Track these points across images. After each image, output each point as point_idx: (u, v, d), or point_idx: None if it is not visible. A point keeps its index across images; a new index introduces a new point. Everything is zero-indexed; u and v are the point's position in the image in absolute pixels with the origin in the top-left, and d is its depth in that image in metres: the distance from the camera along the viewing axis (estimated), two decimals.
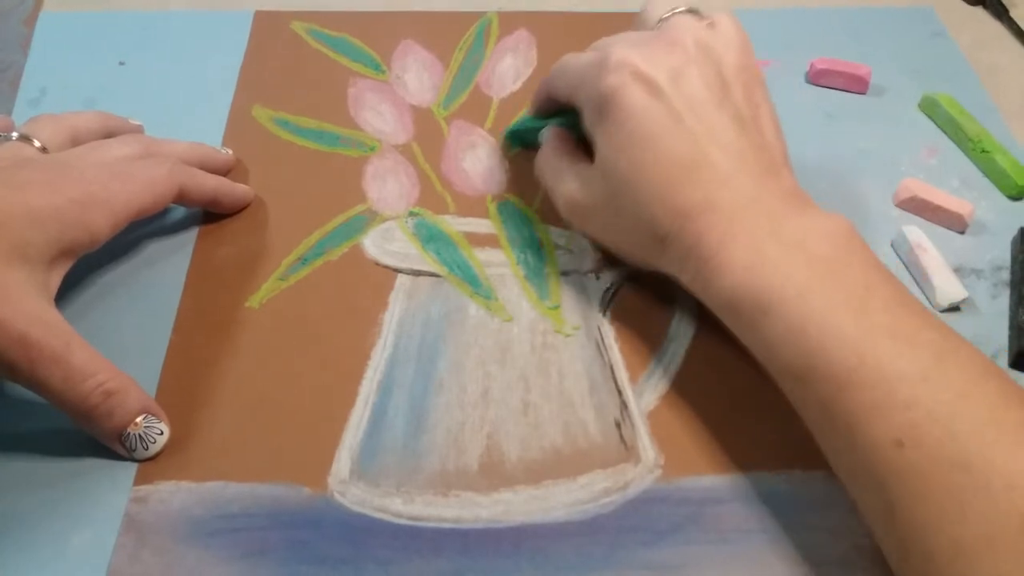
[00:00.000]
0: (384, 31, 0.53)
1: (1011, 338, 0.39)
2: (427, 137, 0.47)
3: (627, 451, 0.35)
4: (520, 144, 0.47)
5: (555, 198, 0.40)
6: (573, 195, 0.39)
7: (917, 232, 0.42)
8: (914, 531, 0.28)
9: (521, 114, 0.47)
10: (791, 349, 0.31)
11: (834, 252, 0.32)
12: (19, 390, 0.34)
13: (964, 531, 0.26)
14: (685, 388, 0.37)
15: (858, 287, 0.31)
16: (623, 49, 0.36)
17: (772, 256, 0.32)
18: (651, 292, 0.41)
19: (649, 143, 0.35)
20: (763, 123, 0.36)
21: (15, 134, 0.39)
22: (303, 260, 0.41)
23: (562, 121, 0.42)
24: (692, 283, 0.35)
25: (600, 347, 0.39)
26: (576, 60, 0.39)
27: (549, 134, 0.42)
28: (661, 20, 0.39)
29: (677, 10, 0.38)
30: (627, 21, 0.53)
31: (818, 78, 0.50)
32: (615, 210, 0.37)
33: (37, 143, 0.38)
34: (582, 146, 0.40)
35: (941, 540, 0.27)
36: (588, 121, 0.38)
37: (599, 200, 0.37)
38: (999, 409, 0.28)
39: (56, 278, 0.35)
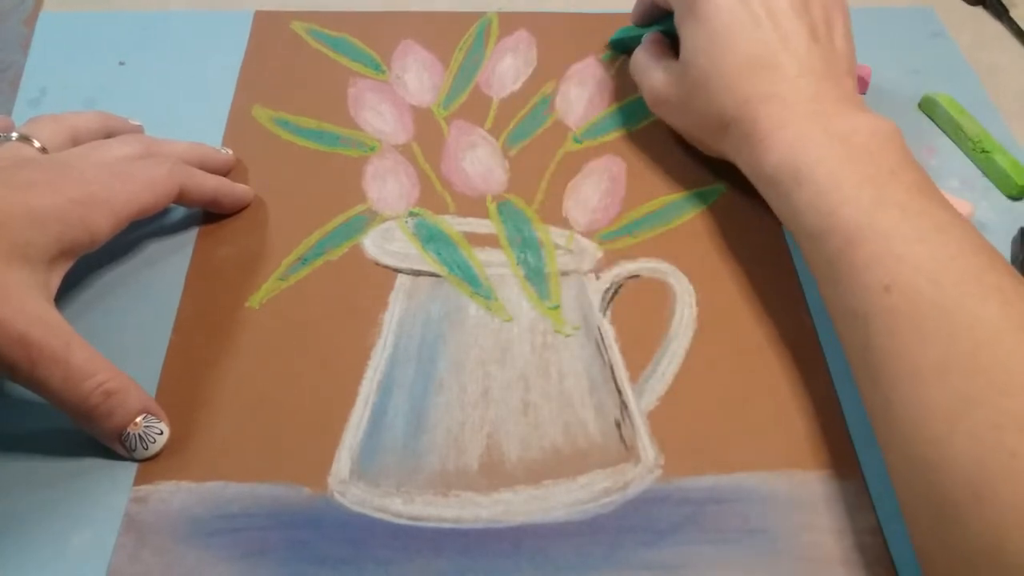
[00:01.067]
0: (384, 31, 0.53)
1: None
2: (427, 137, 0.47)
3: (627, 451, 0.35)
4: (623, 51, 0.52)
5: (642, 90, 0.46)
6: (656, 85, 0.44)
7: None
8: (884, 360, 0.31)
9: (622, 28, 0.51)
10: (813, 212, 0.35)
11: (872, 144, 0.36)
12: (19, 390, 0.34)
13: (923, 357, 0.30)
14: (685, 388, 0.37)
15: (884, 170, 0.35)
16: None
17: (815, 138, 0.36)
18: (651, 292, 0.41)
19: (727, 41, 0.40)
20: (836, 36, 0.41)
21: (15, 134, 0.39)
22: (303, 260, 0.41)
23: (660, 28, 0.47)
24: (745, 162, 0.40)
25: (600, 347, 0.39)
26: None
27: (646, 37, 0.47)
28: None
29: None
30: (625, 22, 0.53)
31: None
32: (691, 100, 0.42)
33: (37, 143, 0.38)
34: (674, 50, 0.44)
35: (903, 364, 0.30)
36: (677, 19, 0.43)
37: (679, 91, 0.43)
38: (985, 272, 0.31)
39: (56, 278, 0.35)
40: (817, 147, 0.36)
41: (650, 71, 0.45)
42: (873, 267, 0.32)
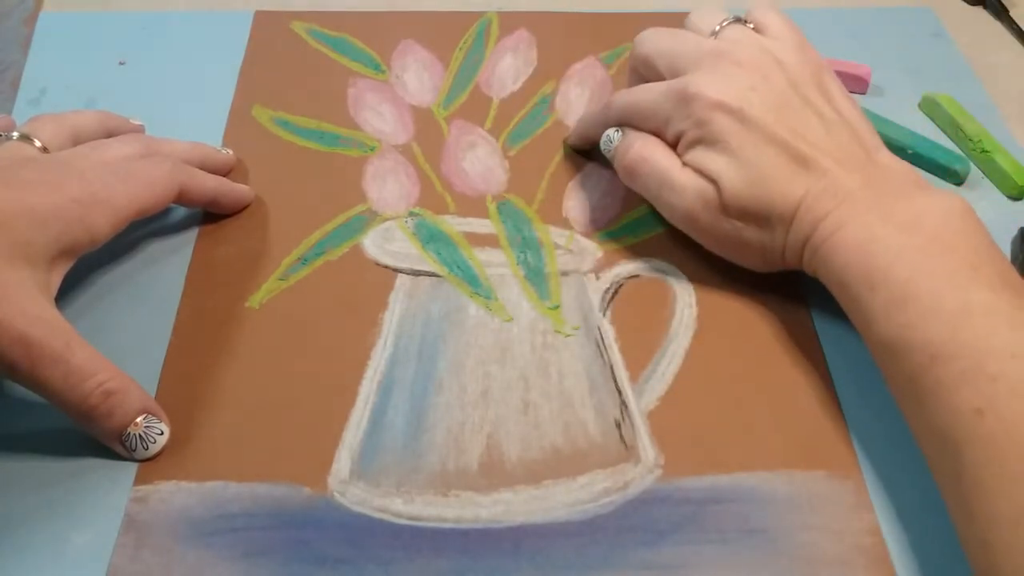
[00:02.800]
0: (384, 31, 0.53)
1: None
2: (427, 137, 0.47)
3: (627, 451, 0.35)
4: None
5: (669, 208, 0.40)
6: (690, 205, 0.39)
7: None
8: (981, 495, 0.28)
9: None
10: (890, 322, 0.32)
11: (946, 231, 0.33)
12: (19, 390, 0.35)
13: None
14: (685, 388, 0.37)
15: (965, 266, 0.32)
16: (700, 83, 0.38)
17: (883, 236, 0.34)
18: (651, 292, 0.41)
19: (755, 160, 0.37)
20: (844, 112, 0.38)
21: (16, 134, 0.39)
22: (303, 260, 0.41)
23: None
24: (810, 265, 0.37)
25: (600, 347, 0.39)
26: (646, 97, 0.40)
27: (645, 140, 0.40)
28: (713, 33, 0.40)
29: (726, 22, 0.40)
30: (626, 22, 0.53)
31: None
32: (736, 214, 0.38)
33: (38, 143, 0.38)
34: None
35: (1004, 505, 0.27)
36: (682, 150, 0.39)
37: (716, 205, 0.38)
38: None
39: (57, 278, 0.35)
40: (887, 246, 0.33)
41: (678, 181, 0.39)
42: (962, 388, 0.29)
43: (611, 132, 0.42)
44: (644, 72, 0.42)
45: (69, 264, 0.36)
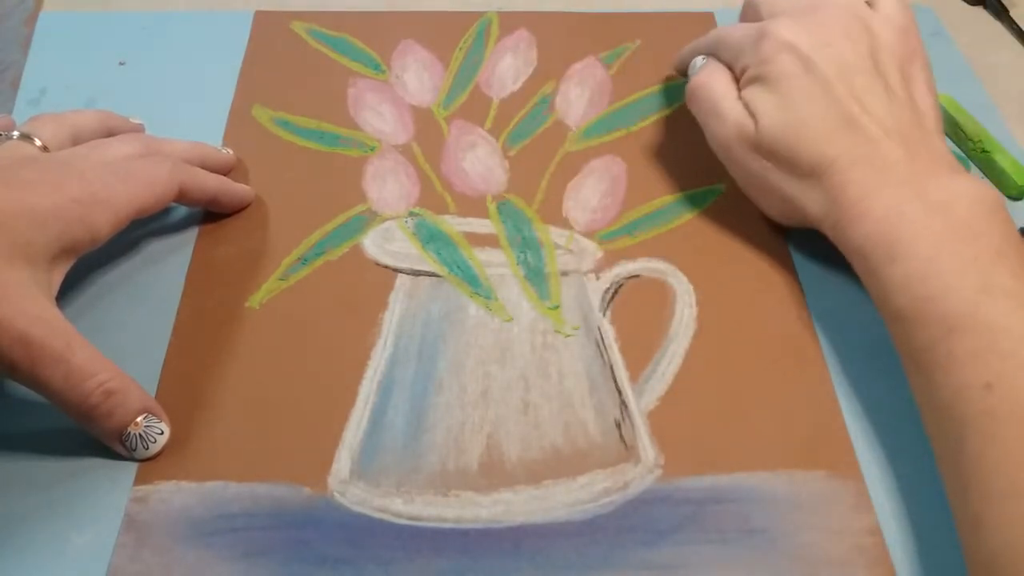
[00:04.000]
0: (384, 31, 0.53)
1: None
2: (427, 137, 0.47)
3: (627, 451, 0.35)
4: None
5: (712, 130, 0.41)
6: (730, 132, 0.40)
7: None
8: (978, 470, 0.28)
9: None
10: (909, 293, 0.32)
11: (974, 217, 0.33)
12: (19, 390, 0.34)
13: (1022, 473, 0.27)
14: (685, 388, 0.37)
15: (990, 251, 0.32)
16: (779, 25, 0.39)
17: (911, 212, 0.34)
18: (651, 292, 0.41)
19: (799, 109, 0.37)
20: (917, 93, 0.38)
21: (16, 133, 0.39)
22: (303, 260, 0.41)
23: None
24: (831, 227, 0.37)
25: (600, 347, 0.39)
26: (734, 32, 0.42)
27: (707, 63, 0.43)
28: None
29: None
30: (626, 22, 0.53)
31: None
32: (771, 153, 0.38)
33: (38, 142, 0.38)
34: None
35: (1000, 481, 0.28)
36: (743, 84, 0.40)
37: (756, 141, 0.39)
38: None
39: (57, 277, 0.35)
40: (914, 221, 0.33)
41: (724, 110, 0.40)
42: (974, 363, 0.30)
43: (697, 59, 0.44)
44: (750, 17, 0.43)
45: (69, 264, 0.36)
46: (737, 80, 0.41)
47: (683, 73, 0.46)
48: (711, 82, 0.41)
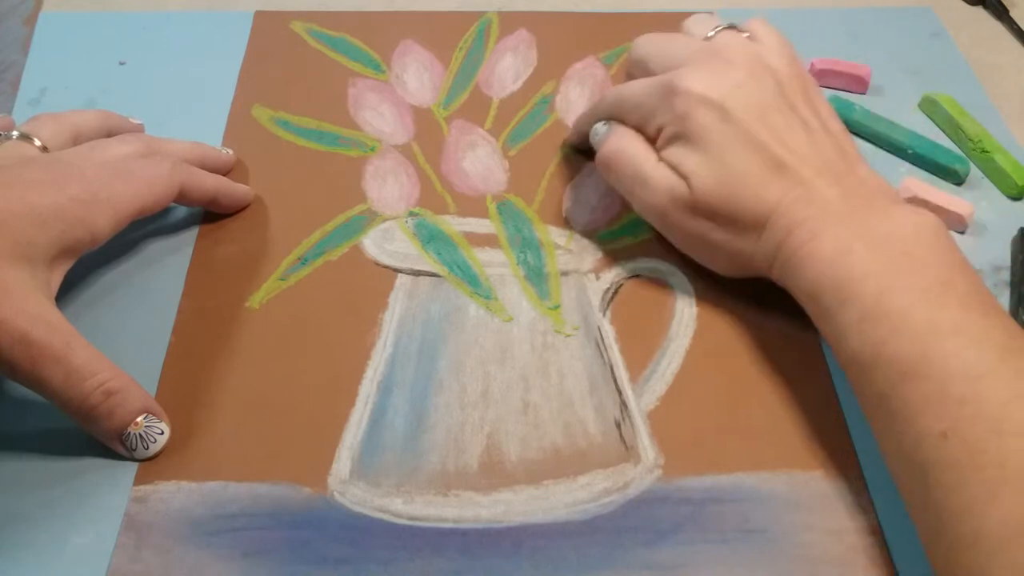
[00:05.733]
0: (384, 31, 0.53)
1: None
2: (427, 137, 0.47)
3: (627, 451, 0.35)
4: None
5: (643, 203, 0.40)
6: (662, 201, 0.38)
7: None
8: (944, 519, 0.28)
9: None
10: (861, 338, 0.32)
11: (919, 246, 0.33)
12: (19, 390, 0.35)
13: (987, 523, 0.27)
14: (685, 388, 0.37)
15: (936, 283, 0.32)
16: (686, 77, 0.38)
17: (856, 250, 0.33)
18: (651, 292, 0.41)
19: (730, 160, 0.36)
20: (828, 123, 0.38)
21: (16, 133, 0.39)
22: (303, 260, 0.41)
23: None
24: (779, 275, 0.36)
25: (600, 347, 0.39)
26: (635, 92, 0.40)
27: (618, 131, 0.41)
28: (707, 38, 0.40)
29: (720, 27, 0.40)
30: (626, 22, 0.53)
31: (818, 78, 0.50)
32: (709, 213, 0.37)
33: (38, 142, 0.38)
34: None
35: (965, 529, 0.27)
36: (661, 144, 0.39)
37: (690, 203, 0.38)
38: None
39: (57, 277, 0.35)
40: (860, 260, 0.33)
41: (649, 175, 0.39)
42: (928, 410, 0.29)
43: (599, 125, 0.42)
44: (639, 75, 0.42)
45: (70, 263, 0.36)
46: (651, 141, 0.39)
47: (582, 144, 0.45)
48: (625, 147, 0.40)
